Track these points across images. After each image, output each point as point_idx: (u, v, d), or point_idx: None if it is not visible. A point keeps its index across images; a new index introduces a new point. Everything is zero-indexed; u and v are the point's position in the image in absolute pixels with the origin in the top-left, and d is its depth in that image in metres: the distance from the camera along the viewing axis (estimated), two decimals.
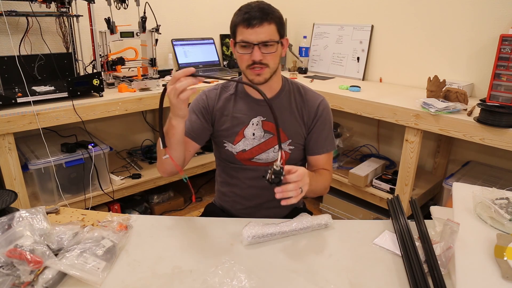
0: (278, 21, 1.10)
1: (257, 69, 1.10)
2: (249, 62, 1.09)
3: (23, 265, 0.78)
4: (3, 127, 1.58)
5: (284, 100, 1.21)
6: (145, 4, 2.08)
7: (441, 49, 2.17)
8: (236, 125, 1.20)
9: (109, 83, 2.08)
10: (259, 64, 1.08)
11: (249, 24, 1.05)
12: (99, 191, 2.03)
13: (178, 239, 0.99)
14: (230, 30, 1.13)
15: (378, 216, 2.20)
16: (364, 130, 2.67)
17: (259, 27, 1.05)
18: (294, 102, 1.22)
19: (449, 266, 0.85)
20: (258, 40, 1.06)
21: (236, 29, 1.09)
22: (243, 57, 1.10)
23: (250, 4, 1.09)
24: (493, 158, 2.10)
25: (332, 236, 1.01)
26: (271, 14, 1.07)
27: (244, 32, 1.06)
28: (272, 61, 1.10)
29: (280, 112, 1.20)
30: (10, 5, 1.79)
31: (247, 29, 1.06)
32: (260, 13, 1.05)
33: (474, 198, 1.04)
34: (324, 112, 1.22)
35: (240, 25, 1.07)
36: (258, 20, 1.05)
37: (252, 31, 1.05)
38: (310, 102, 1.22)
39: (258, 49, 1.07)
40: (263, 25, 1.05)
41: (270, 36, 1.07)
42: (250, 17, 1.05)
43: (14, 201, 1.01)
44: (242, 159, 1.22)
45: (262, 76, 1.11)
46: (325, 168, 1.24)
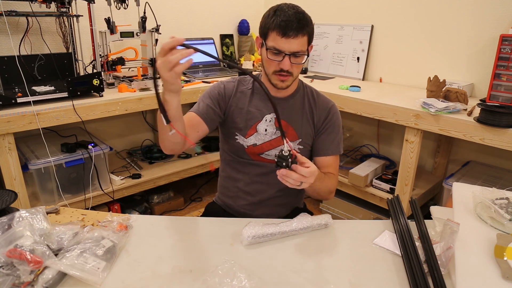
0: (311, 32, 1.11)
1: (283, 76, 1.12)
2: (276, 69, 1.11)
3: (23, 265, 0.78)
4: (3, 127, 1.58)
5: (298, 101, 1.25)
6: (145, 4, 2.08)
7: (441, 49, 2.17)
8: (250, 119, 1.22)
9: (109, 83, 2.08)
10: (286, 72, 1.11)
11: (285, 33, 1.05)
12: (99, 191, 2.03)
13: (178, 239, 0.99)
14: (261, 30, 1.13)
15: (378, 216, 2.20)
16: (364, 130, 2.67)
17: (294, 38, 1.06)
18: (307, 104, 1.25)
19: (449, 266, 0.85)
20: (290, 50, 1.07)
21: (269, 32, 1.09)
22: (271, 63, 1.11)
23: (286, 10, 1.07)
24: (493, 158, 2.10)
25: (332, 236, 1.01)
26: (307, 26, 1.08)
27: (278, 40, 1.07)
28: (297, 71, 1.14)
29: (292, 112, 1.23)
30: (10, 5, 1.79)
31: (281, 38, 1.06)
32: (297, 24, 1.05)
33: (474, 198, 1.04)
34: (334, 116, 1.25)
35: (274, 31, 1.07)
36: (295, 32, 1.05)
37: (286, 41, 1.06)
38: (321, 105, 1.25)
39: (289, 58, 1.09)
40: (298, 37, 1.06)
41: (301, 48, 1.08)
42: (287, 26, 1.05)
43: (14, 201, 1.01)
44: (252, 153, 1.24)
45: (285, 83, 1.15)
46: (331, 171, 1.25)
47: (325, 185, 1.17)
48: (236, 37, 3.00)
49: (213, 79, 2.37)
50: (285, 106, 1.23)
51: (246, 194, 1.28)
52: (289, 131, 1.22)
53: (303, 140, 1.24)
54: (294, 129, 1.23)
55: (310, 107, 1.25)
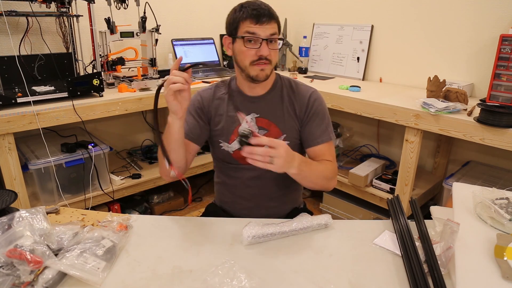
0: (278, 21, 1.15)
1: (262, 65, 1.11)
2: (254, 58, 1.10)
3: (23, 265, 0.78)
4: (3, 127, 1.58)
5: (277, 95, 1.22)
6: (145, 4, 2.08)
7: (441, 49, 2.17)
8: (231, 124, 1.20)
9: (109, 83, 2.08)
10: (264, 59, 1.10)
11: (258, 20, 1.07)
12: (99, 191, 2.03)
13: (178, 239, 0.99)
14: (230, 27, 1.13)
15: (378, 216, 2.20)
16: (364, 130, 2.67)
17: (267, 24, 1.08)
18: (287, 97, 1.22)
19: (449, 266, 0.85)
20: (266, 35, 1.09)
21: (240, 24, 1.10)
22: (248, 52, 1.10)
23: (253, 2, 1.11)
24: (493, 158, 2.10)
25: (332, 236, 1.01)
26: (275, 14, 1.12)
27: (251, 27, 1.08)
28: (275, 57, 1.14)
29: (272, 108, 1.21)
30: (10, 5, 1.79)
31: (255, 24, 1.08)
32: (268, 12, 1.09)
33: (474, 198, 1.04)
34: (316, 102, 1.21)
35: (247, 20, 1.08)
36: (267, 18, 1.08)
37: (260, 27, 1.08)
38: (301, 95, 1.22)
39: (266, 44, 1.09)
40: (271, 23, 1.09)
41: (276, 31, 1.11)
42: (259, 13, 1.08)
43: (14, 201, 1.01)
44: (239, 158, 1.22)
45: (265, 72, 1.13)
46: (326, 159, 1.20)
47: (316, 171, 1.13)
48: None
49: (213, 79, 2.37)
50: (263, 103, 1.21)
51: (242, 199, 1.27)
52: (271, 129, 1.20)
53: (288, 135, 1.21)
54: (276, 125, 1.20)
55: (290, 99, 1.22)
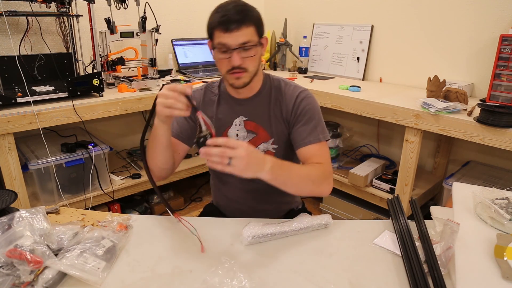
0: (257, 21, 1.06)
1: (237, 74, 1.06)
2: (228, 67, 1.06)
3: (23, 265, 0.78)
4: (3, 127, 1.58)
5: (264, 99, 1.18)
6: (145, 4, 2.08)
7: (441, 49, 2.17)
8: (220, 127, 1.19)
9: (109, 83, 2.08)
10: (238, 68, 1.05)
11: (227, 28, 1.01)
12: (99, 191, 2.03)
13: (178, 239, 0.99)
14: (207, 32, 1.10)
15: (378, 216, 2.20)
16: (364, 130, 2.67)
17: (237, 31, 1.01)
18: (274, 99, 1.18)
19: (449, 266, 0.85)
20: (236, 44, 1.02)
21: (213, 32, 1.05)
22: (222, 62, 1.07)
23: (226, 5, 1.04)
24: (493, 158, 2.10)
25: (332, 236, 1.01)
26: (249, 16, 1.03)
27: (221, 36, 1.02)
28: (251, 64, 1.07)
29: (259, 111, 1.17)
30: (10, 5, 1.79)
31: (224, 33, 1.01)
32: (238, 16, 1.01)
33: (474, 198, 1.04)
34: (303, 102, 1.14)
35: (217, 28, 1.03)
36: (236, 24, 1.00)
37: (229, 35, 1.01)
38: (288, 96, 1.16)
39: (237, 53, 1.03)
40: (241, 29, 1.01)
41: (249, 38, 1.03)
42: (228, 20, 1.00)
43: (14, 201, 1.01)
44: None
45: (242, 80, 1.08)
46: (316, 161, 1.10)
47: (298, 174, 1.02)
48: None
49: (213, 79, 2.37)
50: (250, 106, 1.18)
51: (235, 203, 1.27)
52: (260, 132, 1.17)
53: (276, 139, 1.18)
54: (264, 129, 1.17)
55: (277, 101, 1.17)
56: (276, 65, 2.93)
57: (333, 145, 2.40)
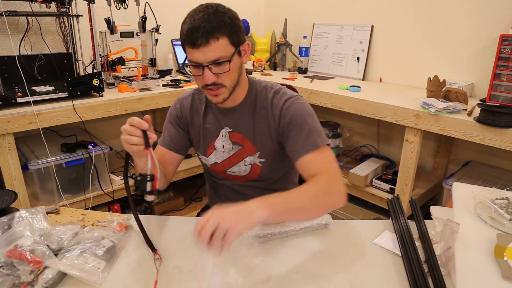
0: (230, 30, 0.93)
1: (213, 91, 0.98)
2: (203, 83, 0.97)
3: (23, 265, 0.78)
4: (3, 127, 1.58)
5: (248, 109, 1.08)
6: (145, 4, 2.08)
7: (441, 49, 2.17)
8: (207, 137, 1.13)
9: (109, 83, 2.08)
10: (213, 85, 0.96)
11: (194, 44, 0.90)
12: (99, 191, 2.03)
13: (178, 239, 0.99)
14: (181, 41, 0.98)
15: (378, 216, 2.20)
16: (364, 130, 2.67)
17: (205, 46, 0.90)
18: (259, 110, 1.07)
19: (449, 266, 0.85)
20: (206, 61, 0.92)
21: (184, 45, 0.95)
22: (197, 79, 0.98)
23: (194, 13, 0.92)
24: (493, 158, 2.10)
25: (332, 236, 1.01)
26: (218, 25, 0.90)
27: (190, 52, 0.93)
28: (228, 79, 0.97)
29: (245, 122, 1.09)
30: (10, 5, 1.79)
31: (193, 49, 0.92)
32: (205, 27, 0.89)
33: (474, 198, 1.04)
34: (290, 111, 1.03)
35: (186, 43, 0.93)
36: (203, 39, 0.89)
37: (198, 51, 0.91)
38: (274, 106, 1.06)
39: (209, 70, 0.94)
40: (209, 44, 0.90)
41: (221, 54, 0.92)
42: (193, 35, 0.89)
43: (14, 201, 1.01)
44: (217, 172, 1.18)
45: (220, 97, 0.99)
46: (316, 172, 0.96)
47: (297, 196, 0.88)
48: None
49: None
50: (235, 117, 1.09)
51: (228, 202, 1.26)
52: (245, 144, 1.09)
53: (262, 153, 1.09)
54: (250, 141, 1.09)
55: (262, 113, 1.07)
56: (276, 65, 2.93)
57: (333, 145, 2.40)
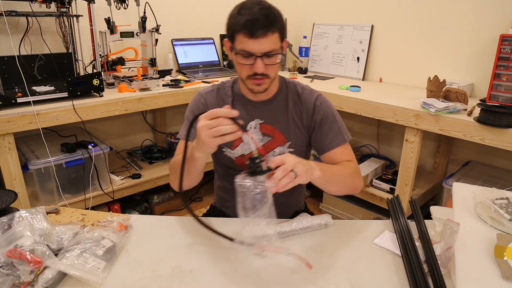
0: (282, 26, 1.03)
1: (258, 80, 1.05)
2: (250, 73, 1.04)
3: (23, 265, 0.78)
4: (3, 127, 1.58)
5: (281, 101, 1.17)
6: (145, 4, 2.08)
7: (441, 49, 2.17)
8: None
9: (109, 83, 2.08)
10: (259, 75, 1.03)
11: (253, 33, 0.96)
12: (99, 191, 2.03)
13: (178, 239, 0.99)
14: (227, 32, 1.04)
15: (378, 216, 2.20)
16: (364, 130, 2.67)
17: (263, 38, 0.97)
18: (292, 103, 1.17)
19: (449, 266, 0.85)
20: (261, 51, 0.99)
21: (236, 35, 1.00)
22: (243, 67, 1.04)
23: (251, 6, 0.99)
24: (493, 158, 2.10)
25: (332, 236, 1.01)
26: (275, 21, 0.99)
27: (246, 42, 0.98)
28: (273, 72, 1.06)
29: (276, 114, 1.16)
30: (10, 5, 1.79)
31: (249, 38, 0.97)
32: (265, 21, 0.96)
33: (474, 198, 1.04)
34: (323, 106, 1.15)
35: (241, 32, 0.98)
36: (263, 30, 0.96)
37: (255, 42, 0.97)
38: (307, 100, 1.16)
39: (261, 60, 1.00)
40: (267, 36, 0.97)
41: (273, 47, 1.00)
42: (254, 25, 0.96)
43: (14, 201, 1.01)
44: (241, 164, 1.19)
45: (262, 87, 1.07)
46: (345, 160, 1.14)
47: (336, 169, 1.07)
48: None
49: (213, 79, 2.37)
50: (267, 110, 1.16)
51: None
52: (276, 135, 1.15)
53: (293, 143, 1.16)
54: (281, 132, 1.15)
55: (295, 105, 1.16)
56: None
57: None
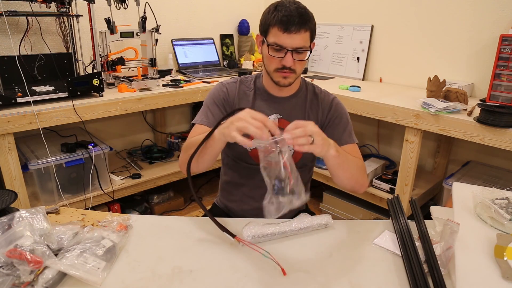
0: (313, 27, 1.09)
1: (285, 73, 1.10)
2: (278, 66, 1.09)
3: (23, 265, 0.78)
4: (3, 127, 1.58)
5: (301, 99, 1.23)
6: (145, 4, 2.08)
7: (441, 49, 2.17)
8: None
9: (109, 83, 2.08)
10: (287, 69, 1.09)
11: (287, 28, 1.03)
12: (99, 191, 2.03)
13: (178, 239, 0.99)
14: (261, 27, 1.11)
15: (378, 216, 2.20)
16: (364, 130, 2.67)
17: (296, 34, 1.03)
18: (310, 102, 1.23)
19: (449, 266, 0.85)
20: (293, 46, 1.05)
21: (270, 29, 1.07)
22: (273, 60, 1.09)
23: (288, 5, 1.05)
24: (493, 158, 2.10)
25: (332, 236, 1.01)
26: (309, 22, 1.05)
27: (279, 35, 1.04)
28: (300, 67, 1.12)
29: (295, 111, 1.22)
30: (10, 5, 1.79)
31: (283, 33, 1.04)
32: (300, 19, 1.03)
33: (474, 198, 1.04)
34: (338, 107, 1.23)
35: (276, 26, 1.04)
36: (297, 27, 1.03)
37: (288, 36, 1.04)
38: (324, 100, 1.23)
39: (291, 55, 1.06)
40: (300, 32, 1.04)
41: (304, 44, 1.06)
42: (289, 21, 1.02)
43: (14, 201, 1.01)
44: (256, 157, 1.21)
45: (288, 80, 1.12)
46: None
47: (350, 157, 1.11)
48: (236, 37, 3.00)
49: (213, 79, 2.37)
50: (287, 105, 1.21)
51: (250, 199, 1.26)
52: None
53: None
54: None
55: (313, 104, 1.23)
56: None
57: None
